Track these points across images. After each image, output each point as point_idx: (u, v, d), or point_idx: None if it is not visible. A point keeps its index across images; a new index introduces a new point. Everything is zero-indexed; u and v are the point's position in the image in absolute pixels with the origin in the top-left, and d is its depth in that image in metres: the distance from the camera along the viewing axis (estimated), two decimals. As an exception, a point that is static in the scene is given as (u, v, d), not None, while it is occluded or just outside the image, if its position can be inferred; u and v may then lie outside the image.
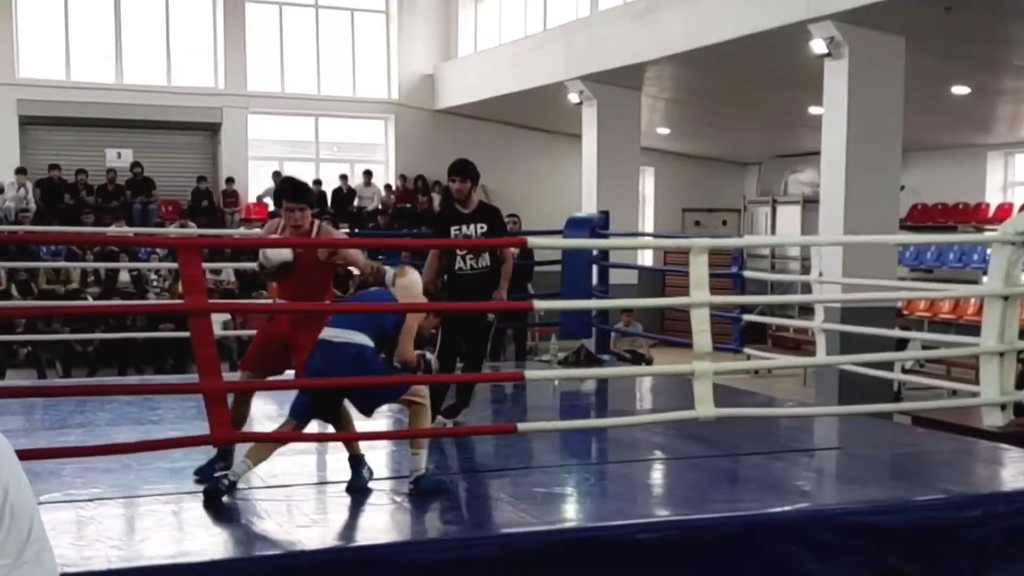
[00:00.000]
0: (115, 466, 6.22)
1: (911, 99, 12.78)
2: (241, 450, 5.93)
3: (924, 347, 12.23)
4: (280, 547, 4.98)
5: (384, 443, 7.34)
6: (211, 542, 5.10)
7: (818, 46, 12.51)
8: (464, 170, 7.89)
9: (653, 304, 15.14)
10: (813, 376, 14.32)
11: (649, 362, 14.15)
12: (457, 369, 7.89)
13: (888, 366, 9.73)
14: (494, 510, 5.97)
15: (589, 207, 17.12)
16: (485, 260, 7.83)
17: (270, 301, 7.84)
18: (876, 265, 11.68)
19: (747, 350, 10.35)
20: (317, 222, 6.67)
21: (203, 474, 6.00)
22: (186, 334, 5.53)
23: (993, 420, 6.87)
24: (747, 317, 10.63)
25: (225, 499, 5.67)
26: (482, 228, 7.86)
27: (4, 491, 2.69)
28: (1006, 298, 6.75)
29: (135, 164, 20.67)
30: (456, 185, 7.88)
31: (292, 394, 6.34)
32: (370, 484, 6.01)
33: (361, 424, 6.32)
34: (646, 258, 22.06)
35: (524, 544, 5.19)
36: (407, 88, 23.19)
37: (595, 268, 11.73)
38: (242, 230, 19.33)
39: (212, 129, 22.12)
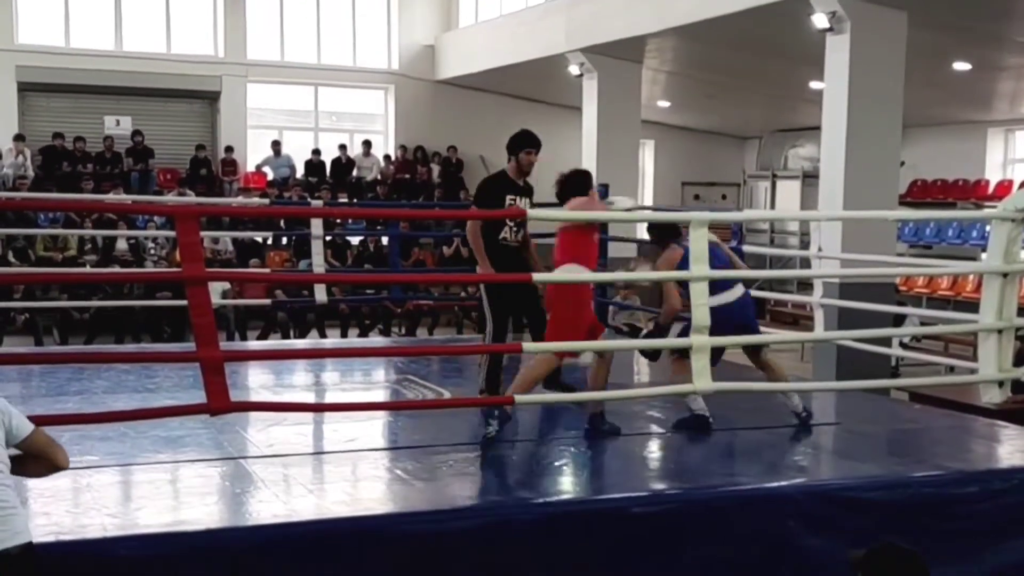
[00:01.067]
0: (112, 434, 6.21)
1: (912, 75, 12.74)
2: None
3: (922, 323, 12.22)
4: (276, 517, 4.98)
5: (382, 414, 7.35)
6: (207, 511, 5.10)
7: (820, 20, 12.45)
8: (540, 144, 7.82)
9: (651, 277, 15.12)
10: (811, 351, 14.32)
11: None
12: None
13: (886, 342, 9.73)
14: (491, 482, 5.98)
15: (589, 180, 17.07)
16: (522, 233, 7.78)
17: (266, 270, 7.86)
18: (875, 241, 11.66)
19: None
20: None
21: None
22: (184, 302, 5.51)
23: (991, 397, 6.87)
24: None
25: (222, 469, 5.68)
26: (528, 202, 7.81)
27: None
28: (1005, 275, 6.74)
29: (136, 133, 20.60)
30: (533, 157, 7.77)
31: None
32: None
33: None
34: (645, 231, 22.01)
35: (520, 516, 5.20)
36: (407, 58, 23.09)
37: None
38: (240, 199, 19.32)
39: (211, 97, 22.04)
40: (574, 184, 7.19)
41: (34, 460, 4.19)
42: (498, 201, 7.69)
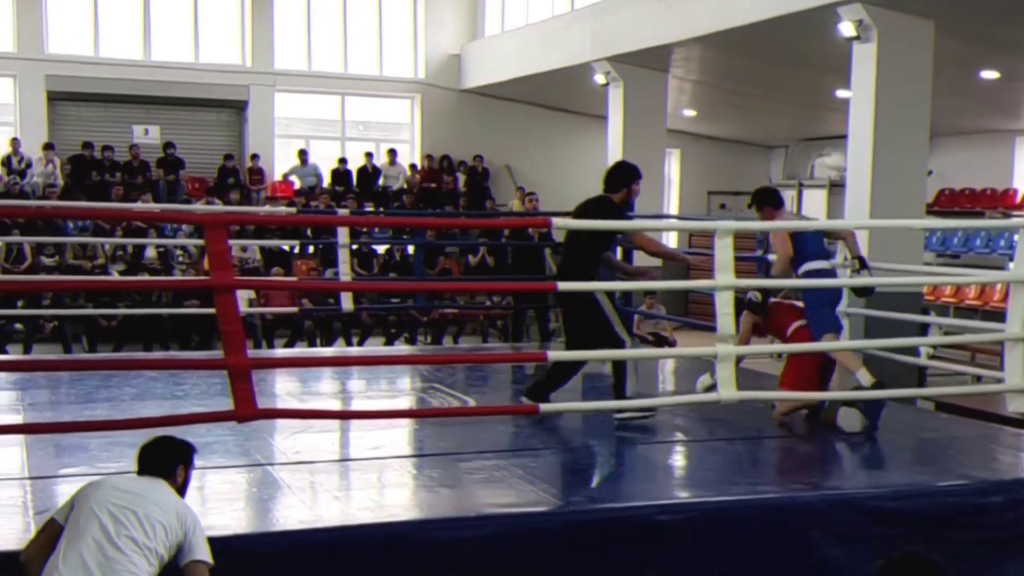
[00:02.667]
0: (140, 440, 6.25)
1: (939, 83, 12.69)
2: None
3: (947, 333, 12.16)
4: (302, 523, 5.01)
5: (407, 422, 7.38)
6: (234, 517, 5.14)
7: (846, 29, 12.42)
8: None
9: (677, 287, 15.14)
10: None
11: (672, 345, 14.15)
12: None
13: (912, 351, 9.69)
14: (514, 489, 6.00)
15: (614, 189, 17.07)
16: None
17: (293, 279, 7.92)
18: (902, 250, 11.61)
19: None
20: None
21: None
22: (211, 310, 5.56)
23: (1017, 406, 6.84)
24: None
25: (249, 475, 5.73)
26: None
27: None
28: (1032, 284, 6.72)
29: (168, 144, 20.75)
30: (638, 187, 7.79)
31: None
32: None
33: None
34: (670, 240, 22.02)
35: (544, 523, 5.21)
36: (433, 67, 23.16)
37: (619, 250, 11.71)
38: (267, 208, 19.41)
39: (238, 107, 22.16)
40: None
41: None
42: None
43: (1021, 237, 6.90)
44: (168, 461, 4.47)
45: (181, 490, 4.47)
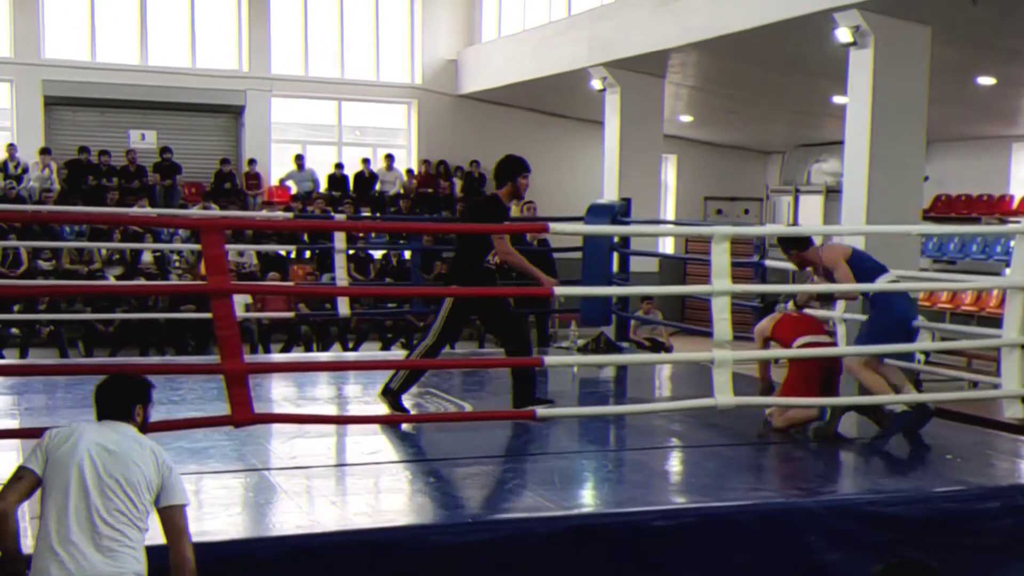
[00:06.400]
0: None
1: (936, 89, 12.71)
2: None
3: (944, 339, 12.16)
4: (299, 528, 5.01)
5: (404, 426, 7.38)
6: (231, 522, 5.13)
7: (843, 35, 12.45)
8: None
9: (673, 292, 15.13)
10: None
11: (668, 350, 14.15)
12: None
13: (908, 357, 9.69)
14: (511, 495, 6.00)
15: (610, 194, 17.11)
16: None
17: (289, 283, 7.92)
18: (898, 255, 11.59)
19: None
20: None
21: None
22: (208, 315, 5.56)
23: (1013, 413, 6.86)
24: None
25: (245, 480, 5.72)
26: None
27: None
28: (1029, 290, 6.72)
29: (164, 149, 20.75)
30: (527, 181, 7.82)
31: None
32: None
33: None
34: (667, 246, 22.03)
35: (541, 529, 5.21)
36: (430, 73, 23.17)
37: (615, 255, 11.73)
38: (264, 212, 19.41)
39: (235, 112, 22.16)
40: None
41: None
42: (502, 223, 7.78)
43: (1017, 243, 6.90)
44: (126, 402, 4.40)
45: (142, 428, 4.42)
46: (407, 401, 7.69)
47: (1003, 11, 12.36)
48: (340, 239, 11.16)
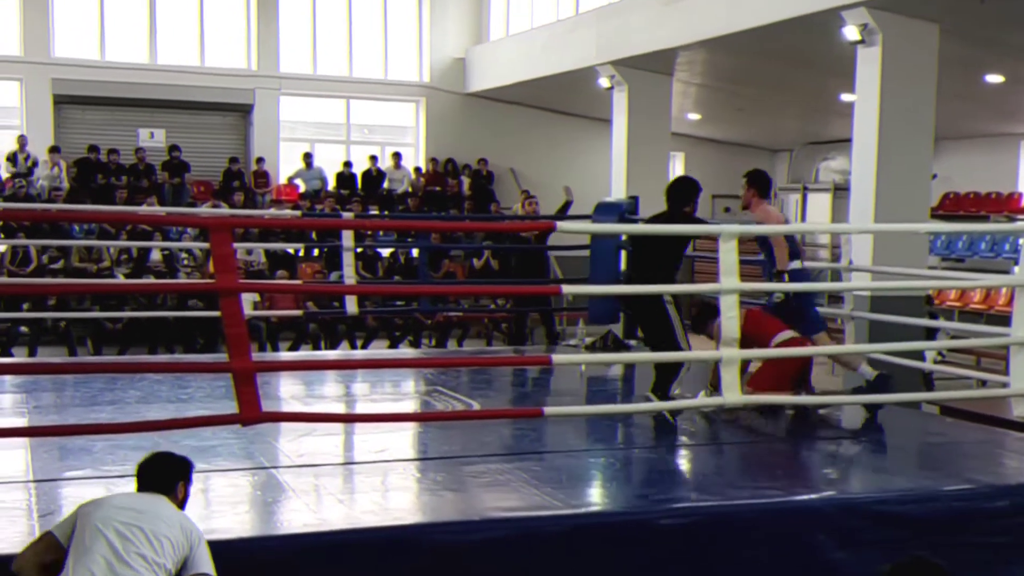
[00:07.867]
0: (145, 443, 6.24)
1: (944, 87, 12.68)
2: None
3: (952, 337, 12.14)
4: (307, 526, 5.01)
5: (412, 425, 7.38)
6: (238, 520, 5.14)
7: (851, 33, 12.42)
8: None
9: (682, 290, 15.06)
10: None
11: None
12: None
13: (917, 355, 9.69)
14: (519, 493, 5.99)
15: (618, 192, 17.09)
16: None
17: (298, 282, 7.93)
18: (906, 253, 11.60)
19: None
20: None
21: None
22: (216, 313, 5.57)
23: (1022, 411, 6.83)
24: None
25: (253, 478, 5.73)
26: None
27: None
28: (1037, 288, 6.71)
29: (173, 147, 20.79)
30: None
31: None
32: None
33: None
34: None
35: (548, 527, 5.21)
36: (438, 71, 23.18)
37: (623, 253, 11.71)
38: (272, 211, 19.43)
39: (244, 110, 22.19)
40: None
41: None
42: None
43: (1026, 241, 6.90)
44: (168, 477, 4.47)
45: (181, 505, 4.47)
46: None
47: (1011, 8, 12.33)
48: (348, 237, 11.17)
